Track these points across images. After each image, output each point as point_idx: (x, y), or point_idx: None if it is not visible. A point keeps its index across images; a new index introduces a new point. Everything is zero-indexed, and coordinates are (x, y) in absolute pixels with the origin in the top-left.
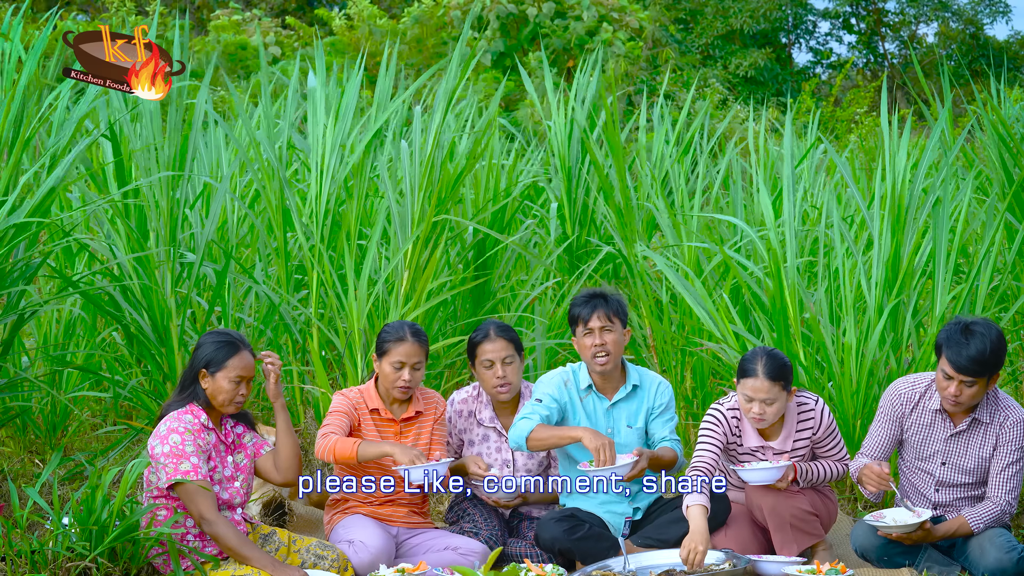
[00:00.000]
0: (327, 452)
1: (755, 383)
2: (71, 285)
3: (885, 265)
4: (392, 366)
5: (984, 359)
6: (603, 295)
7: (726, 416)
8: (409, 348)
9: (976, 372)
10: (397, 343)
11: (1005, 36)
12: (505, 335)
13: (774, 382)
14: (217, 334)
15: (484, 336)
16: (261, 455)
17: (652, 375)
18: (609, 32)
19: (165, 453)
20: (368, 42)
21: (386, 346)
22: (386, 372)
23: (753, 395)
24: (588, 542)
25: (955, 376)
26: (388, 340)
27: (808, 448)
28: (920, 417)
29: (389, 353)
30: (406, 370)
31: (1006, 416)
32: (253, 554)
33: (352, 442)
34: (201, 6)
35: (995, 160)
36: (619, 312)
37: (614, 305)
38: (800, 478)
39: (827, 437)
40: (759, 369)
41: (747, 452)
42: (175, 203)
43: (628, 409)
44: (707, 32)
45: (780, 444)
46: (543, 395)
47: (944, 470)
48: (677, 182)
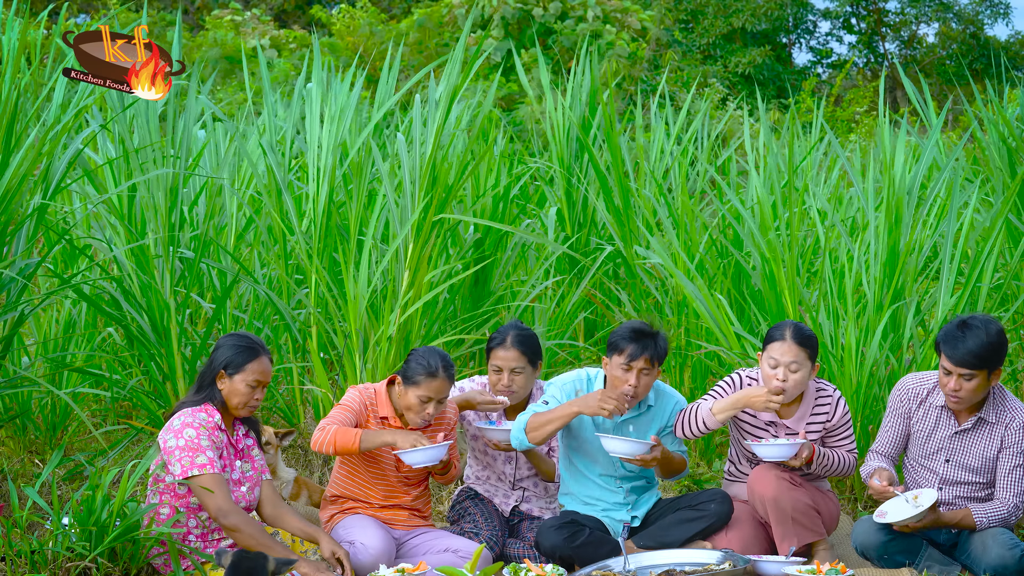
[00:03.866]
0: (326, 445)
1: (781, 346)
2: (71, 287)
3: (882, 264)
4: (419, 399)
5: (980, 352)
6: (653, 336)
7: (743, 379)
8: (440, 385)
9: (973, 365)
10: (428, 378)
11: (1005, 36)
12: (520, 346)
13: (801, 347)
14: (237, 337)
15: (500, 342)
16: (263, 480)
17: (670, 393)
18: (613, 34)
19: (180, 447)
20: (369, 43)
21: (416, 378)
22: (411, 402)
23: (779, 358)
24: (588, 548)
25: (953, 370)
26: (419, 373)
27: (820, 435)
28: (926, 413)
29: (418, 386)
30: (431, 405)
31: (1012, 418)
32: (275, 545)
33: (354, 432)
34: (201, 7)
35: (996, 160)
36: (663, 357)
37: (661, 350)
38: (816, 461)
39: (841, 427)
40: (787, 334)
41: (759, 427)
42: (175, 202)
43: (640, 424)
44: (709, 32)
45: (793, 424)
46: (551, 398)
47: (948, 468)
48: (677, 181)
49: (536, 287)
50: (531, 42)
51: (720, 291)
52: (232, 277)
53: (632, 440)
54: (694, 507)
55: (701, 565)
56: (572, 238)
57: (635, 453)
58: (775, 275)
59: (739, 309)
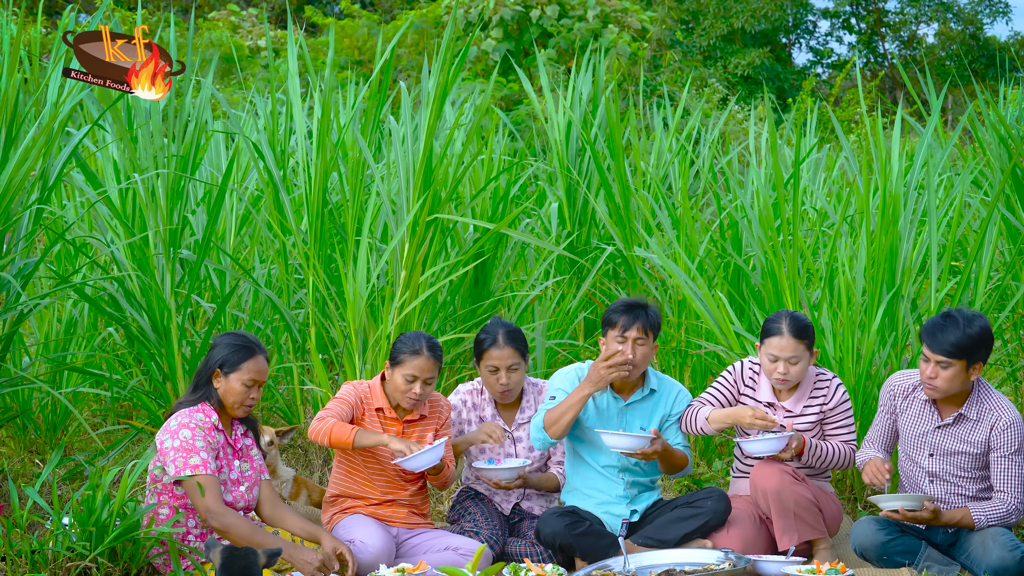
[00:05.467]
0: (323, 435)
1: (780, 341)
2: (70, 286)
3: (880, 264)
4: (404, 378)
5: (958, 342)
6: (645, 306)
7: (744, 366)
8: (424, 363)
9: (950, 354)
10: (412, 356)
11: (1005, 36)
12: (512, 343)
13: (799, 340)
14: (234, 336)
15: (492, 343)
16: (262, 480)
17: (672, 383)
18: (614, 33)
19: (175, 448)
20: (366, 45)
21: (401, 357)
22: (397, 382)
23: (779, 353)
24: (589, 538)
25: (931, 357)
26: (403, 352)
27: (817, 419)
28: (910, 408)
29: (403, 365)
30: (417, 384)
31: (998, 417)
32: (267, 540)
33: (350, 428)
34: (202, 4)
35: (993, 159)
36: (656, 326)
37: (653, 319)
38: (808, 452)
39: (838, 413)
40: (784, 327)
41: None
42: (175, 202)
43: (642, 412)
44: (709, 33)
45: (791, 404)
46: (556, 391)
47: (933, 462)
48: (677, 182)
49: (536, 287)
50: (529, 44)
51: (720, 291)
52: (232, 279)
53: (631, 435)
54: (691, 504)
55: (701, 565)
56: (572, 237)
57: (635, 447)
58: (775, 274)
59: (739, 309)
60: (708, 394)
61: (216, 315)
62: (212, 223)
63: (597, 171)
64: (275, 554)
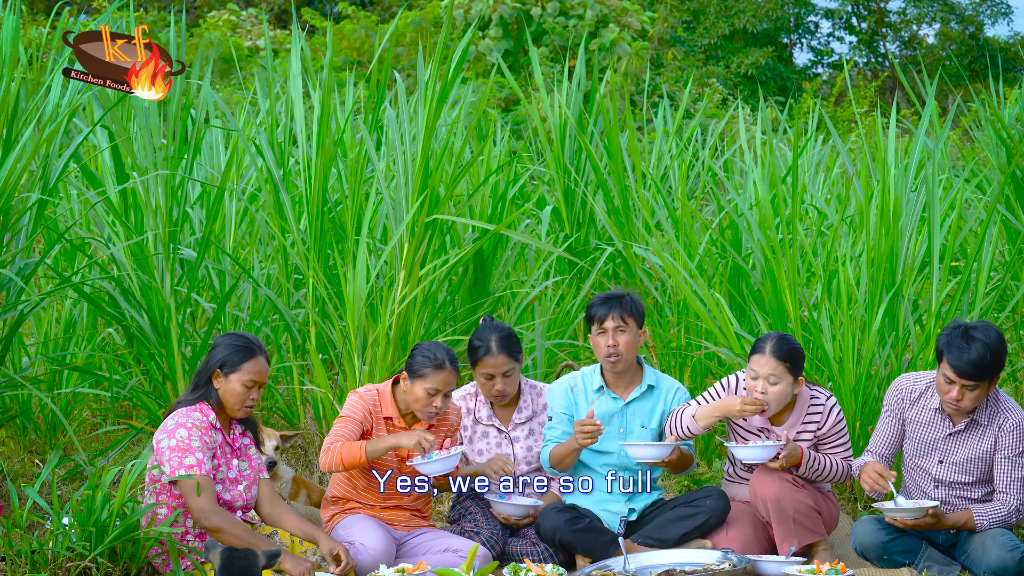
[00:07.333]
0: (335, 464)
1: (760, 359)
2: (70, 285)
3: (879, 264)
4: (427, 392)
5: (985, 363)
6: (620, 296)
7: (738, 380)
8: (448, 377)
9: (978, 376)
10: (436, 370)
11: (1006, 37)
12: (506, 350)
13: (780, 361)
14: (234, 336)
15: (486, 351)
16: (260, 479)
17: (670, 380)
18: (615, 33)
19: (171, 447)
20: (364, 45)
21: (423, 371)
22: (418, 395)
23: (758, 371)
24: (589, 535)
25: (957, 380)
26: (426, 365)
27: (811, 443)
28: (920, 414)
29: (425, 378)
30: (439, 397)
31: (1005, 419)
32: (259, 542)
33: (358, 446)
34: (201, 4)
35: (993, 159)
36: (634, 313)
37: (628, 306)
38: (805, 464)
39: (833, 435)
40: (767, 347)
41: (752, 432)
42: (175, 201)
43: (642, 409)
44: (710, 32)
45: (784, 430)
46: (553, 413)
47: (942, 468)
48: (676, 181)
49: (536, 287)
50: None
51: (720, 291)
52: (232, 280)
53: (656, 444)
54: (690, 504)
55: (701, 565)
56: (571, 238)
57: (662, 456)
58: (775, 274)
59: (739, 309)
60: (695, 401)
61: (216, 315)
62: (211, 222)
63: (593, 171)
64: (275, 555)
